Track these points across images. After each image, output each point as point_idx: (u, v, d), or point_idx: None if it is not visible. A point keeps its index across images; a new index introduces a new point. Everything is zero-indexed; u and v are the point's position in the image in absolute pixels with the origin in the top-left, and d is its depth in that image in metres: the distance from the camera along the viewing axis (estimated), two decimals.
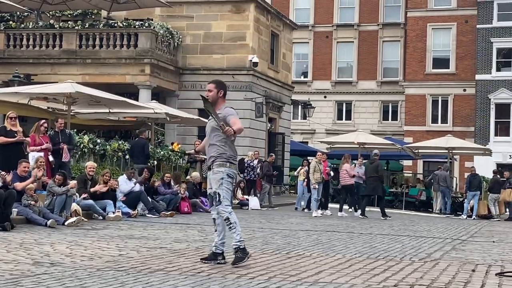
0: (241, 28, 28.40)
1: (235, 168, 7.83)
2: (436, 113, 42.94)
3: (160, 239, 10.47)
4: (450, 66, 42.81)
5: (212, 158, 7.72)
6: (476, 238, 13.70)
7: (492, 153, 31.16)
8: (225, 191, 7.62)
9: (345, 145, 30.83)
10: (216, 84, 7.97)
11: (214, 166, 7.68)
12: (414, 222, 18.43)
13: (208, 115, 8.00)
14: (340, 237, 12.22)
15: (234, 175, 7.80)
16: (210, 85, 7.93)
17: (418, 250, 10.21)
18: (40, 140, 14.81)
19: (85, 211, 13.53)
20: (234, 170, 7.77)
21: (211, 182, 7.75)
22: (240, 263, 7.46)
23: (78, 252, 8.46)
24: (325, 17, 46.53)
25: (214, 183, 7.69)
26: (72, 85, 17.54)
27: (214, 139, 7.75)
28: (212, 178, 7.72)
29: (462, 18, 42.46)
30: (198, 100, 28.52)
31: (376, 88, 45.72)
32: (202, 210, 18.00)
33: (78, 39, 26.90)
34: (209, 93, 7.85)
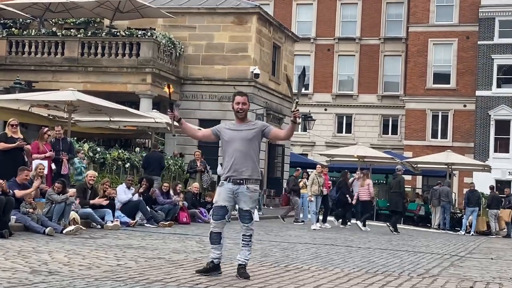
0: (243, 39, 28.49)
1: None
2: (436, 128, 42.98)
3: (159, 249, 10.45)
4: (451, 82, 42.89)
5: (247, 173, 7.50)
6: (475, 254, 13.68)
7: (491, 169, 31.17)
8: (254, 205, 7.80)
9: (345, 158, 30.86)
10: (248, 97, 7.84)
11: (251, 183, 7.52)
12: (412, 237, 18.40)
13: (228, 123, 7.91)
14: (339, 251, 12.19)
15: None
16: (244, 98, 7.68)
17: (417, 266, 10.19)
18: (43, 148, 14.75)
19: (84, 219, 13.50)
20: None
21: (244, 198, 7.53)
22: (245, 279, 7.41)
23: (76, 261, 8.44)
24: (327, 30, 46.67)
25: (249, 201, 7.55)
26: (73, 93, 17.56)
27: (252, 151, 7.55)
28: (248, 196, 7.53)
29: (464, 34, 42.58)
30: (199, 110, 28.67)
31: (376, 102, 45.78)
32: (201, 221, 17.97)
33: (80, 47, 26.95)
34: (243, 107, 7.62)
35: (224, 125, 7.79)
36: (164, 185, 17.68)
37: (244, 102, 7.63)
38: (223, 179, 7.59)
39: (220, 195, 7.56)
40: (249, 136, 7.55)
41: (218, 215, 7.60)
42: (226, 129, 7.67)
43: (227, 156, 7.55)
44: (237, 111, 7.63)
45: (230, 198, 7.56)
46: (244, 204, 7.57)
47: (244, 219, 7.66)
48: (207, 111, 28.43)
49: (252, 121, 7.87)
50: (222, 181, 7.59)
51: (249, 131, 7.58)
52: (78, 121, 20.87)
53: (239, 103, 7.61)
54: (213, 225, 7.66)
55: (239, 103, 7.62)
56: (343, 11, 46.82)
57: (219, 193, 7.57)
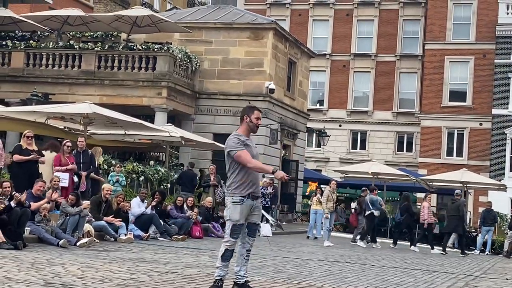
0: (259, 54, 28.55)
1: None
2: (451, 146, 42.75)
3: (171, 263, 10.43)
4: (467, 100, 42.71)
5: (259, 188, 7.71)
6: (489, 274, 13.55)
7: (507, 188, 30.91)
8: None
9: (359, 174, 30.74)
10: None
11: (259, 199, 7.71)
12: (427, 256, 18.27)
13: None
14: (352, 268, 12.12)
15: None
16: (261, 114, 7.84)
17: (431, 285, 10.10)
18: (65, 160, 14.73)
19: (97, 232, 13.52)
20: None
21: (258, 213, 7.60)
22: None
23: (89, 274, 8.44)
24: (343, 46, 46.70)
25: (260, 215, 7.69)
26: (89, 106, 17.64)
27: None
28: (260, 211, 7.73)
29: (480, 52, 42.44)
30: (213, 124, 28.73)
31: (391, 119, 45.65)
32: (214, 235, 17.95)
33: (97, 60, 27.10)
34: (260, 122, 7.79)
35: (242, 139, 7.61)
36: (178, 199, 17.68)
37: (260, 117, 7.75)
38: (242, 195, 7.40)
39: (242, 213, 7.44)
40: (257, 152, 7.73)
41: (238, 233, 7.48)
42: (245, 145, 7.60)
43: (245, 172, 7.47)
44: (257, 125, 7.68)
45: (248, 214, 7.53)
46: (258, 218, 7.62)
47: (254, 233, 7.65)
48: (221, 126, 28.45)
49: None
50: (241, 198, 7.41)
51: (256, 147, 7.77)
52: (93, 134, 20.93)
53: (259, 118, 7.67)
54: (231, 243, 7.47)
55: (259, 119, 7.69)
56: (359, 27, 46.86)
57: (241, 211, 7.41)
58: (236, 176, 7.47)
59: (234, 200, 7.44)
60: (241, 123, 7.71)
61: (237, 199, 7.42)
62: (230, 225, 7.43)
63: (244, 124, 7.65)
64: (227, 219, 7.48)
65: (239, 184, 7.45)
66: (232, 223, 7.41)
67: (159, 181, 21.13)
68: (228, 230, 7.45)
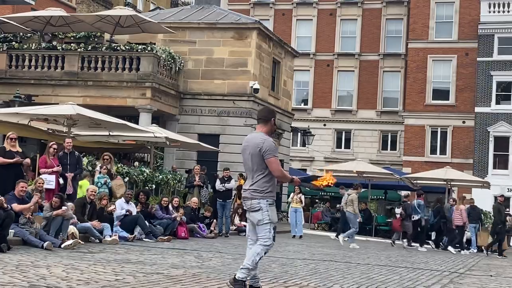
0: (243, 54, 28.55)
1: None
2: (435, 144, 42.99)
3: (157, 264, 10.41)
4: (450, 98, 42.97)
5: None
6: (474, 271, 13.64)
7: (490, 186, 31.13)
8: None
9: (344, 173, 30.81)
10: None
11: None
12: (411, 253, 18.35)
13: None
14: (338, 267, 12.15)
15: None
16: None
17: (416, 283, 10.15)
18: (51, 162, 14.64)
19: (82, 233, 13.46)
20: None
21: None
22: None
23: (74, 276, 8.40)
24: (327, 45, 46.81)
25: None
26: (73, 107, 17.57)
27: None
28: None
29: (463, 50, 42.72)
30: (198, 124, 28.70)
31: (375, 118, 45.83)
32: (199, 236, 17.94)
33: (80, 61, 26.97)
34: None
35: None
36: (163, 199, 17.65)
37: None
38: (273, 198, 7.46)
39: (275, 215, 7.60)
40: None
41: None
42: None
43: (271, 176, 7.48)
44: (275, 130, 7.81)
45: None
46: None
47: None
48: (206, 126, 28.45)
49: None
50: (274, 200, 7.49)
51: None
52: (77, 135, 20.86)
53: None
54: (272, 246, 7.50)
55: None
56: (343, 27, 47.00)
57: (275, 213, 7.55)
58: (267, 179, 7.42)
59: (270, 203, 7.41)
60: (265, 124, 7.59)
61: (272, 201, 7.45)
62: (271, 227, 7.38)
63: (269, 126, 7.60)
64: (267, 222, 7.35)
65: (271, 187, 7.44)
66: (273, 225, 7.41)
67: (144, 182, 21.07)
68: (270, 233, 7.36)
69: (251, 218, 7.48)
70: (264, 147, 7.34)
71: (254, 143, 7.44)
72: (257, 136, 7.52)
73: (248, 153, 7.45)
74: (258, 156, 7.38)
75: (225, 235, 19.32)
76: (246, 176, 7.82)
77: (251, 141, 7.50)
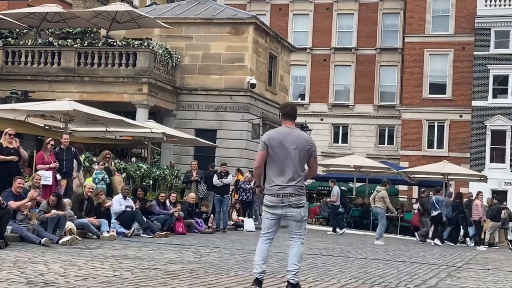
0: (239, 49, 28.50)
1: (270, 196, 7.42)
2: (432, 138, 43.03)
3: (155, 260, 10.42)
4: (447, 92, 42.99)
5: None
6: (471, 265, 13.67)
7: (487, 179, 31.20)
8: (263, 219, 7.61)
9: (341, 168, 30.88)
10: (280, 108, 7.82)
11: None
12: (409, 248, 18.39)
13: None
14: (335, 261, 12.17)
15: (269, 204, 7.42)
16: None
17: (414, 277, 10.17)
18: (48, 158, 14.62)
19: (80, 229, 13.46)
20: (269, 198, 7.42)
21: None
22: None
23: (72, 272, 8.41)
24: (323, 40, 46.78)
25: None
26: (69, 103, 17.55)
27: None
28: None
29: (459, 44, 42.73)
30: (195, 120, 28.68)
31: (372, 112, 45.85)
32: (197, 231, 17.95)
33: (76, 57, 26.92)
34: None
35: None
36: (161, 195, 17.65)
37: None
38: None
39: None
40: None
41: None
42: None
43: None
44: None
45: None
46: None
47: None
48: (203, 121, 28.42)
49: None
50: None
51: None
52: (74, 131, 20.82)
53: None
54: None
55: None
56: (339, 21, 46.97)
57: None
58: (305, 177, 7.51)
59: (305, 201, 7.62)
60: (294, 121, 7.62)
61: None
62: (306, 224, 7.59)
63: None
64: (306, 219, 7.59)
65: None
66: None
67: (141, 177, 21.05)
68: (305, 230, 7.57)
69: (292, 213, 7.40)
70: (314, 147, 7.50)
71: (304, 140, 7.45)
72: (302, 133, 7.62)
73: (294, 148, 7.35)
74: (307, 154, 7.41)
75: (223, 230, 19.34)
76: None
77: (297, 137, 7.44)
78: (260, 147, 7.44)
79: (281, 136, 7.40)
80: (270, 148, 7.35)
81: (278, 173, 7.36)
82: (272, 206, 7.36)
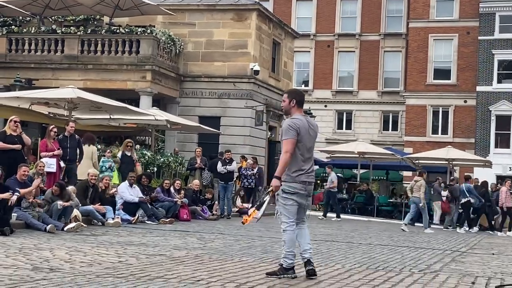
0: (242, 36, 28.44)
1: (295, 183, 7.35)
2: (436, 124, 42.96)
3: (160, 246, 10.45)
4: (451, 77, 42.85)
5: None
6: (476, 250, 13.67)
7: (492, 165, 31.15)
8: (281, 207, 7.41)
9: (345, 154, 30.86)
10: (289, 93, 7.68)
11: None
12: (413, 233, 18.40)
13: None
14: (339, 247, 12.19)
15: (293, 191, 7.34)
16: (284, 96, 7.67)
17: (418, 262, 10.18)
18: (51, 146, 14.62)
19: (85, 216, 13.50)
20: (293, 185, 7.34)
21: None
22: (271, 276, 7.35)
23: (77, 258, 8.44)
24: (327, 26, 46.62)
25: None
26: (73, 91, 17.55)
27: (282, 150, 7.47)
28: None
29: (464, 29, 42.54)
30: (198, 107, 28.67)
31: (376, 98, 45.75)
32: (201, 218, 17.99)
33: (80, 45, 26.92)
34: (283, 103, 7.66)
35: None
36: (165, 182, 17.67)
37: (283, 99, 7.67)
38: None
39: None
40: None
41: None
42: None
43: None
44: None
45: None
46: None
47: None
48: (206, 108, 28.42)
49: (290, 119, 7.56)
50: None
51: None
52: (78, 119, 20.83)
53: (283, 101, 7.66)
54: None
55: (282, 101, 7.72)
56: (343, 7, 46.78)
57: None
58: None
59: None
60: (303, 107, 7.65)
61: None
62: None
63: None
64: None
65: None
66: None
67: (145, 165, 21.08)
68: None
69: (308, 202, 7.56)
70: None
71: (317, 128, 7.69)
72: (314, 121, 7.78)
73: (314, 136, 7.58)
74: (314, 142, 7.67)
75: (227, 217, 19.38)
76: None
77: (314, 125, 7.63)
78: (291, 134, 7.32)
79: (306, 124, 7.46)
80: (300, 136, 7.37)
81: (302, 161, 7.38)
82: (295, 193, 7.36)
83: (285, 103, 7.58)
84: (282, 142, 7.41)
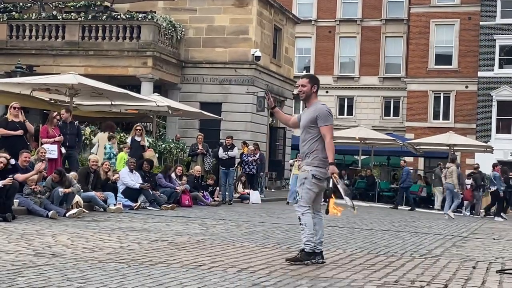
0: (244, 22, 28.36)
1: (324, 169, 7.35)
2: (438, 109, 42.89)
3: (161, 231, 10.48)
4: (453, 63, 42.74)
5: (303, 155, 7.52)
6: (477, 235, 13.71)
7: (493, 150, 31.14)
8: (305, 191, 7.37)
9: (346, 140, 30.85)
10: (310, 79, 7.57)
11: (303, 164, 7.47)
12: (414, 218, 18.44)
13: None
14: (341, 232, 12.22)
15: (324, 176, 7.37)
16: (303, 80, 7.50)
17: (419, 247, 10.21)
18: (52, 132, 14.67)
19: (86, 202, 13.54)
20: (324, 171, 7.36)
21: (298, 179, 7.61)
22: (294, 263, 7.32)
23: (80, 243, 8.47)
24: (328, 11, 46.45)
25: (298, 181, 7.55)
26: (74, 77, 17.55)
27: (307, 136, 7.43)
28: (299, 176, 7.61)
29: (465, 14, 42.37)
30: (200, 93, 28.65)
31: (378, 84, 45.67)
32: (203, 204, 18.03)
33: (80, 31, 26.87)
34: (302, 88, 7.47)
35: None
36: (178, 168, 17.79)
37: (302, 84, 7.50)
38: None
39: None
40: (304, 123, 7.48)
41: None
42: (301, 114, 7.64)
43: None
44: (297, 93, 7.64)
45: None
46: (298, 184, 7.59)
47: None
48: (208, 94, 28.40)
49: (318, 104, 7.52)
50: None
51: (307, 117, 7.50)
52: (79, 105, 20.86)
53: (298, 85, 7.55)
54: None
55: (299, 86, 7.57)
56: None
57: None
58: None
59: None
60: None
61: None
62: None
63: None
64: None
65: None
66: None
67: None
68: None
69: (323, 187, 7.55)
70: None
71: None
72: None
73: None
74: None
75: (229, 203, 19.41)
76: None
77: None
78: (330, 121, 7.48)
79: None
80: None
81: (324, 146, 7.41)
82: (322, 178, 7.41)
83: (307, 88, 7.47)
84: (322, 128, 7.37)
